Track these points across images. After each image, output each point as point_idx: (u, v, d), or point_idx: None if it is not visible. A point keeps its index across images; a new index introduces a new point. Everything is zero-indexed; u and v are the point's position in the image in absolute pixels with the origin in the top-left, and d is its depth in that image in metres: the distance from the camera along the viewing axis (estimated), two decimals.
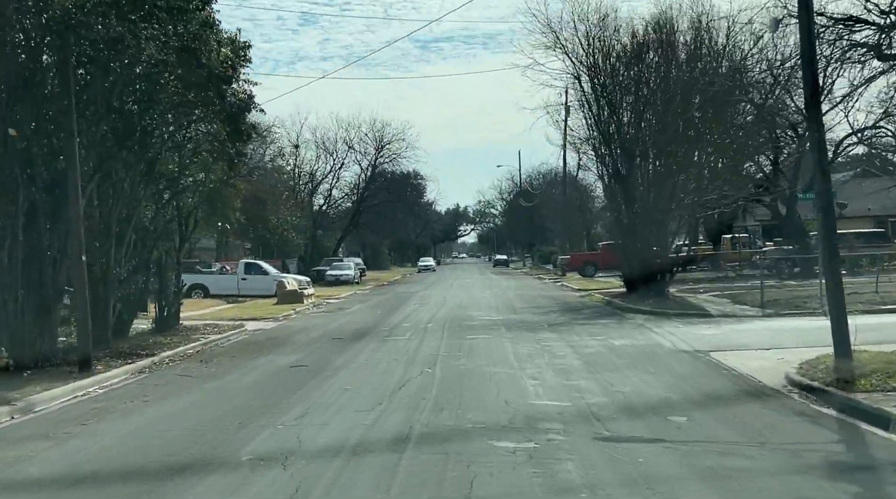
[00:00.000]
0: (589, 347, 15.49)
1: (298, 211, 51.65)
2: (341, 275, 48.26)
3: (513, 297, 31.93)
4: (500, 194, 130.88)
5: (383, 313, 25.01)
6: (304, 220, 51.77)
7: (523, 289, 38.44)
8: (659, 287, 26.16)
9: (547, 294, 33.59)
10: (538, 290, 37.70)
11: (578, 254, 50.74)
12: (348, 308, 28.14)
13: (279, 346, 17.08)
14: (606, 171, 27.92)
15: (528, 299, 30.16)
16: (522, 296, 32.59)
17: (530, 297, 31.90)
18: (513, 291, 36.96)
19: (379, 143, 59.07)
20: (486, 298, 31.74)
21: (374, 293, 39.30)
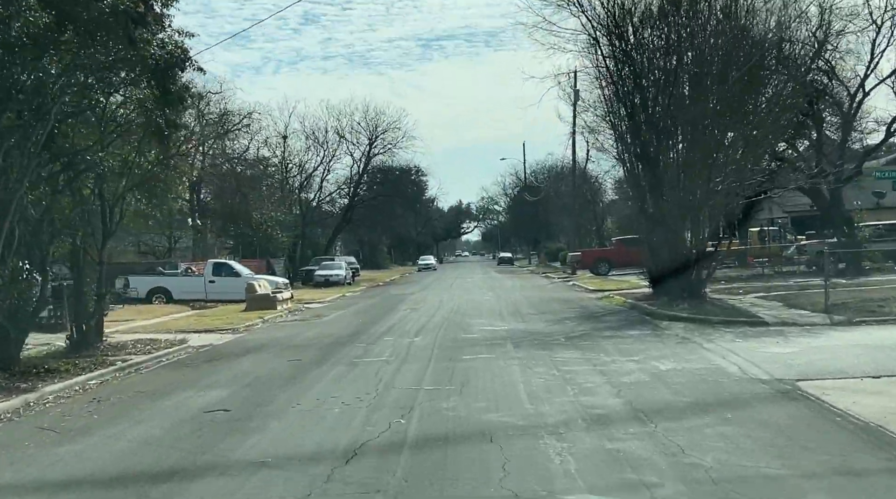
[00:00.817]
0: (626, 373, 11.38)
1: (285, 206, 47.60)
2: (331, 276, 44.19)
3: (519, 299, 27.81)
4: (503, 190, 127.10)
5: (365, 322, 20.92)
6: (291, 216, 47.70)
7: (530, 290, 34.31)
8: (693, 287, 22.02)
9: (558, 296, 29.45)
10: (547, 291, 33.57)
11: (590, 250, 46.58)
12: (327, 316, 24.04)
13: (211, 374, 12.96)
14: (629, 152, 23.76)
15: (537, 303, 26.04)
16: (530, 298, 28.48)
17: (539, 299, 27.79)
18: (518, 292, 32.84)
19: (373, 133, 54.91)
20: (488, 301, 27.63)
21: (365, 296, 35.20)
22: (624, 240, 44.09)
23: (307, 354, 14.85)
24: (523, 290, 34.23)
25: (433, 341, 15.95)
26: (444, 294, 32.69)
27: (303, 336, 18.27)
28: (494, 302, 26.72)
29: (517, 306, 24.58)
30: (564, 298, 28.42)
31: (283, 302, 26.42)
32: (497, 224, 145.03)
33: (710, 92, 21.07)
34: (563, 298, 28.39)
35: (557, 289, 34.68)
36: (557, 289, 34.68)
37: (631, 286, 31.21)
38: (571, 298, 27.87)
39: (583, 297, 28.64)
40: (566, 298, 28.38)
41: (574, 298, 28.29)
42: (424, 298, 30.79)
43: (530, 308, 23.73)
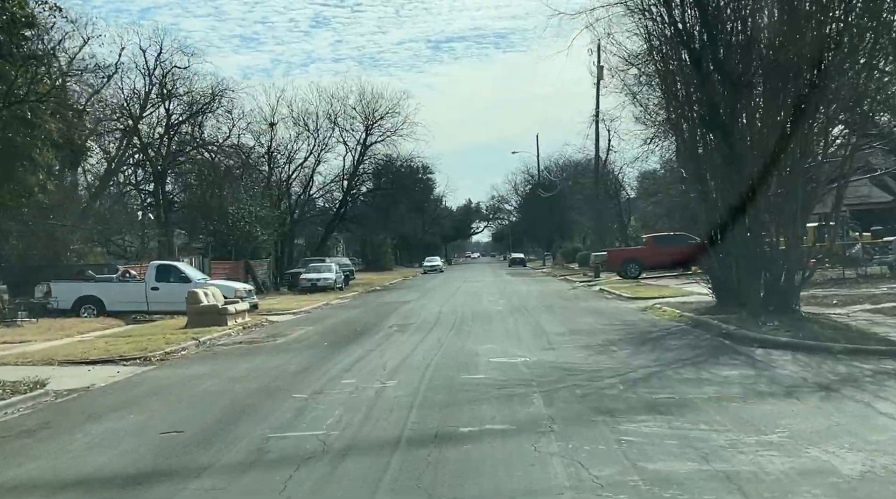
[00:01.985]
0: (787, 488, 5.50)
1: (269, 200, 41.84)
2: (318, 279, 38.41)
3: (538, 311, 21.90)
4: (514, 188, 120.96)
5: (331, 347, 15.06)
6: (276, 211, 41.93)
7: (551, 297, 28.38)
8: (783, 297, 16.14)
9: (587, 305, 23.50)
10: (572, 298, 27.61)
11: (618, 250, 40.58)
12: (286, 335, 18.14)
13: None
14: (687, 116, 17.82)
15: (564, 315, 20.16)
16: (552, 308, 22.59)
17: (565, 310, 21.90)
18: (537, 300, 26.93)
19: (369, 118, 48.85)
20: (500, 313, 21.75)
21: (351, 305, 29.35)
22: (658, 238, 38.11)
23: (200, 418, 9.00)
24: (542, 297, 28.30)
25: (415, 389, 10.09)
26: (446, 303, 26.82)
27: (228, 374, 12.41)
28: (509, 315, 20.84)
29: (538, 321, 18.68)
30: (596, 308, 22.48)
31: (238, 315, 20.62)
32: (508, 224, 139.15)
33: (811, 26, 15.05)
34: (595, 308, 22.45)
35: (583, 296, 28.73)
36: (583, 296, 28.73)
37: (676, 293, 25.30)
38: (605, 309, 21.93)
39: (619, 307, 22.69)
40: (598, 308, 22.43)
41: (608, 308, 22.33)
42: (422, 307, 24.93)
43: (556, 324, 17.84)
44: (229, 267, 36.79)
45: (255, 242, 38.34)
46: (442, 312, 22.16)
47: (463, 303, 26.14)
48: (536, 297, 28.27)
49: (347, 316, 23.35)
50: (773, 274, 16.25)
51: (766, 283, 16.38)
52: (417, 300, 29.19)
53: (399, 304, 27.39)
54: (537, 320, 18.88)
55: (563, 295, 29.40)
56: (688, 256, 38.64)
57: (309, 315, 24.76)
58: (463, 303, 26.14)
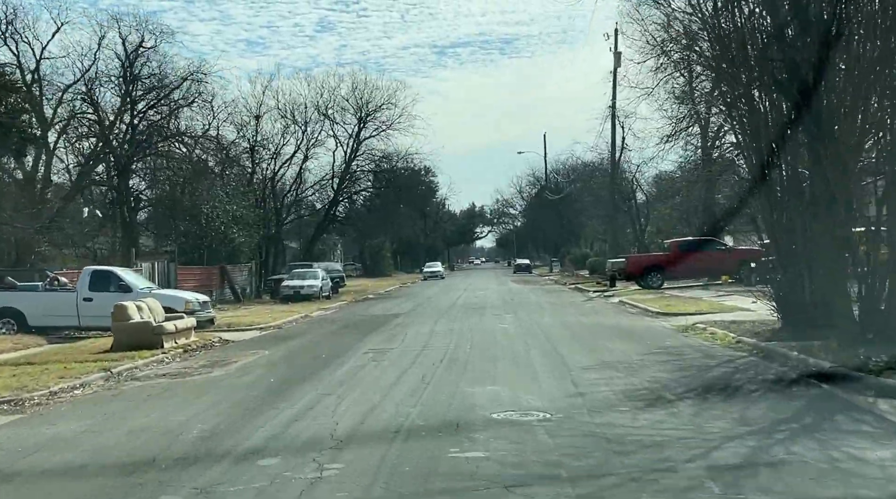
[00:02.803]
0: None
1: (249, 199, 37.86)
2: (301, 287, 34.38)
3: (555, 330, 17.81)
4: (518, 192, 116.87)
5: (269, 393, 10.91)
6: (254, 210, 37.94)
7: (565, 311, 24.30)
8: (885, 322, 12.03)
9: (614, 325, 19.33)
10: (590, 313, 23.50)
11: (638, 256, 36.46)
12: (228, 365, 13.98)
13: None
14: (755, 79, 13.72)
15: (584, 337, 16.11)
16: (571, 327, 18.52)
17: (585, 330, 17.82)
18: (550, 314, 22.86)
19: (362, 110, 44.72)
20: (507, 332, 17.69)
21: (330, 319, 25.27)
22: (683, 243, 34.03)
23: None
24: (556, 311, 24.24)
25: (368, 486, 6.05)
26: (442, 317, 22.77)
27: (97, 441, 8.34)
28: (518, 337, 16.77)
29: (556, 347, 14.60)
30: (623, 327, 18.39)
31: (181, 334, 16.60)
32: (512, 229, 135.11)
33: None
34: (622, 327, 18.35)
35: (603, 310, 24.64)
36: (603, 310, 24.64)
37: (716, 308, 21.25)
38: (635, 329, 17.84)
39: (651, 326, 18.59)
40: (626, 327, 18.33)
41: (639, 328, 18.23)
42: (412, 323, 20.87)
43: (580, 351, 13.77)
44: (201, 273, 32.81)
45: (232, 245, 34.33)
46: (435, 332, 18.07)
47: (462, 318, 22.06)
48: (549, 311, 24.19)
49: (320, 334, 19.28)
50: (871, 290, 12.17)
51: (861, 301, 12.31)
52: (409, 313, 25.13)
53: (387, 318, 23.32)
54: (554, 346, 14.81)
55: (579, 308, 25.30)
56: (716, 263, 34.64)
57: (276, 332, 20.71)
58: (462, 318, 22.06)
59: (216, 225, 33.95)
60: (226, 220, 34.28)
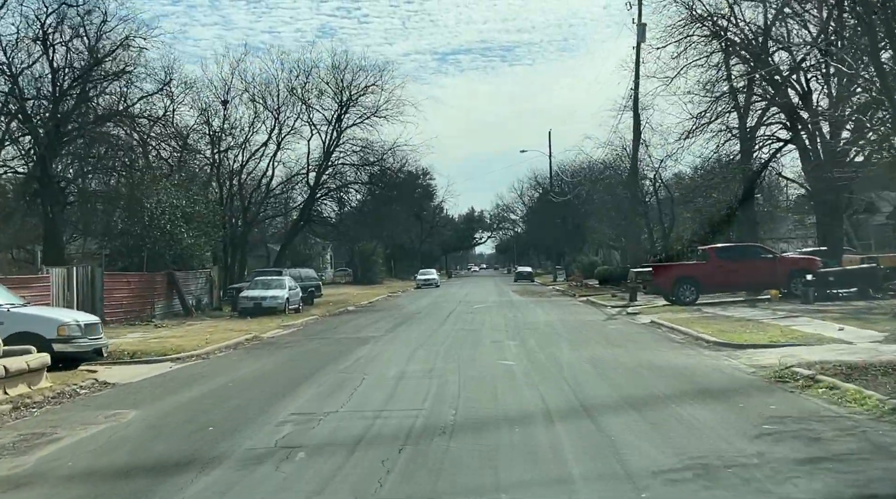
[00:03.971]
0: None
1: (205, 194, 32.21)
2: (263, 299, 28.73)
3: (582, 377, 12.02)
4: (520, 196, 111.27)
5: None
6: (211, 205, 32.26)
7: (587, 337, 18.55)
8: None
9: (663, 363, 13.44)
10: (622, 341, 17.61)
11: (668, 265, 30.73)
12: (31, 451, 8.35)
13: None
14: None
15: (634, 393, 10.39)
16: (604, 370, 12.75)
17: (629, 376, 12.04)
18: (567, 343, 17.13)
19: (344, 95, 38.87)
20: (511, 382, 11.93)
21: (279, 345, 19.42)
22: (722, 250, 28.35)
23: None
24: (574, 336, 18.51)
25: None
26: (423, 346, 17.07)
27: None
28: (530, 390, 11.02)
29: (595, 417, 8.86)
30: (683, 370, 12.60)
31: (21, 379, 10.92)
32: (513, 234, 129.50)
33: None
34: (681, 370, 12.57)
35: (636, 335, 18.85)
36: (636, 335, 18.85)
37: (792, 336, 15.66)
38: (702, 374, 12.09)
39: (721, 367, 12.81)
40: (686, 370, 12.54)
41: (705, 372, 12.43)
42: (378, 358, 15.16)
43: (638, 430, 8.06)
44: (140, 281, 27.13)
45: (180, 248, 28.63)
46: (405, 378, 12.33)
47: (450, 349, 16.31)
48: (566, 337, 18.47)
49: (245, 374, 13.50)
50: None
51: None
52: (382, 338, 19.41)
53: (351, 345, 17.60)
54: (591, 414, 9.08)
55: (603, 332, 19.55)
56: (762, 275, 28.95)
57: (191, 368, 14.98)
58: (450, 349, 16.31)
59: (161, 223, 28.29)
60: (174, 217, 28.61)
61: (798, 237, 45.48)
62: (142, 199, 28.05)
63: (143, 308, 26.48)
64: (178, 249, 28.50)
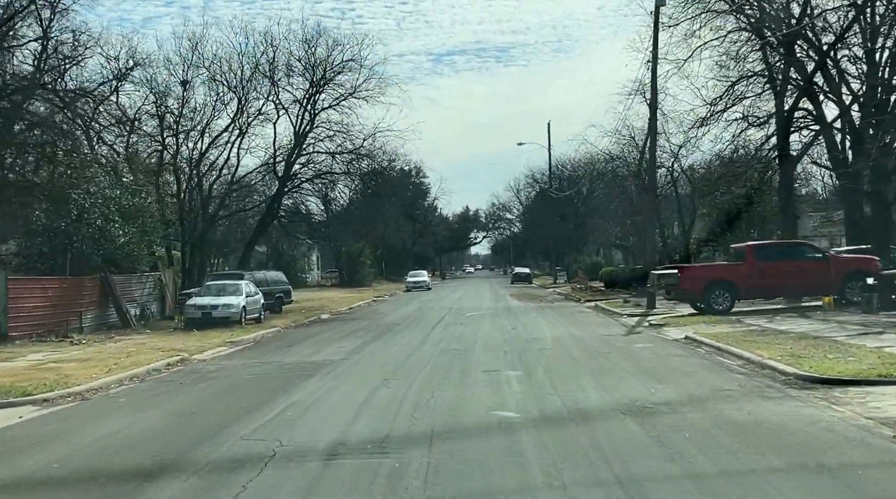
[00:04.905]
0: None
1: (149, 187, 27.60)
2: (213, 308, 24.17)
3: (622, 439, 7.50)
4: (516, 195, 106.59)
5: None
6: (148, 198, 27.57)
7: (611, 363, 13.92)
8: None
9: (741, 415, 8.87)
10: (661, 371, 12.96)
11: (696, 267, 26.11)
12: None
13: None
14: None
15: (717, 479, 5.86)
16: (649, 419, 8.18)
17: (699, 441, 7.44)
18: (586, 370, 12.54)
19: (318, 73, 34.00)
20: (512, 452, 7.38)
21: (203, 377, 14.66)
22: (761, 249, 23.81)
23: None
24: (594, 363, 13.88)
25: None
26: (388, 380, 12.49)
27: None
28: (545, 473, 6.47)
29: None
30: (768, 424, 8.03)
31: None
32: (509, 234, 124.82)
33: None
34: (766, 424, 7.99)
35: (674, 360, 14.21)
36: (674, 360, 14.21)
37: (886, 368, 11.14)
38: (804, 434, 7.55)
39: (832, 424, 8.20)
40: (776, 427, 7.96)
41: (806, 431, 7.87)
42: (318, 405, 10.56)
43: None
44: (64, 286, 22.48)
45: (114, 247, 23.96)
46: (341, 453, 7.66)
47: (425, 387, 11.65)
48: (584, 363, 13.88)
49: (57, 461, 8.85)
50: None
51: None
52: (341, 363, 14.80)
53: (294, 377, 13.01)
54: None
55: (632, 356, 14.90)
56: (810, 277, 24.32)
57: (47, 421, 10.39)
58: (425, 387, 11.65)
59: (92, 219, 23.67)
60: (107, 211, 23.98)
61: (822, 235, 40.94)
62: (67, 190, 23.42)
63: (65, 320, 21.88)
64: (111, 249, 23.85)
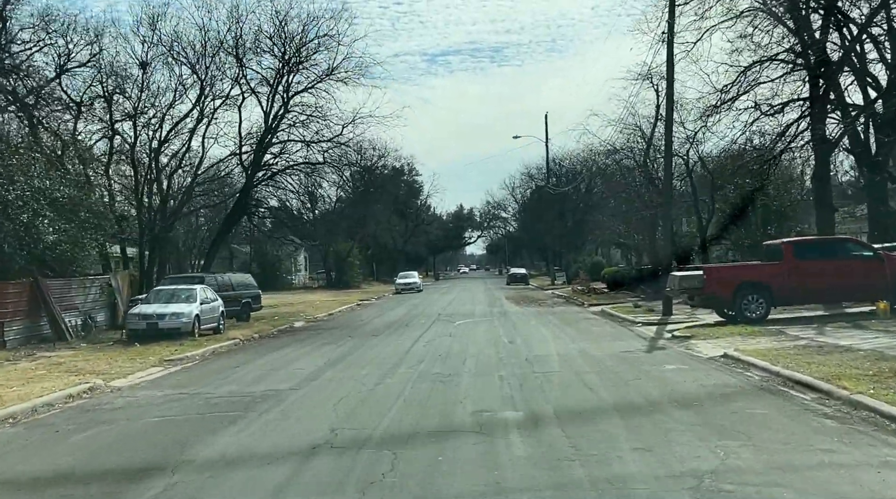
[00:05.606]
0: None
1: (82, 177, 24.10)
2: (161, 317, 20.66)
3: None
4: (511, 193, 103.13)
5: None
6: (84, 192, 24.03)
7: (641, 395, 10.46)
8: None
9: None
10: (712, 415, 9.50)
11: (728, 267, 22.58)
12: None
13: None
14: None
15: None
16: None
17: None
18: (612, 412, 9.13)
19: (290, 50, 30.21)
20: None
21: (90, 423, 11.08)
22: (803, 246, 20.36)
23: None
24: (619, 397, 10.41)
25: None
26: (336, 431, 9.05)
27: None
28: None
29: None
30: None
31: None
32: (504, 234, 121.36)
33: None
34: None
35: (716, 389, 10.75)
36: (716, 389, 10.75)
37: None
38: None
39: None
40: None
41: None
42: (211, 483, 7.13)
43: None
44: None
45: (43, 246, 20.45)
46: None
47: (390, 438, 8.23)
48: (609, 401, 10.37)
49: None
50: None
51: None
52: (286, 399, 11.31)
53: (215, 423, 9.56)
54: None
55: (666, 385, 11.41)
56: (859, 279, 20.72)
57: None
58: (390, 438, 8.23)
59: (17, 214, 20.16)
60: (36, 206, 20.48)
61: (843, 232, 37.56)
62: None
63: None
64: (39, 248, 20.34)
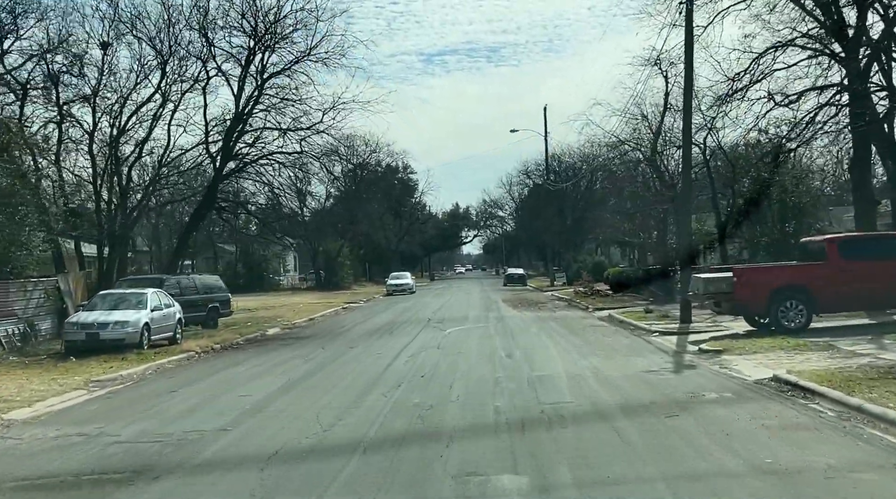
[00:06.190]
0: None
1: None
2: (103, 326, 17.85)
3: None
4: (508, 191, 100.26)
5: None
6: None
7: (687, 444, 7.69)
8: None
9: None
10: (800, 492, 6.87)
11: (763, 269, 19.68)
12: None
13: None
14: None
15: None
16: None
17: None
18: (658, 480, 6.38)
19: (264, 28, 27.03)
20: None
21: None
22: (849, 244, 17.52)
23: None
24: (653, 449, 7.66)
25: None
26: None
27: None
28: None
29: None
30: None
31: None
32: (501, 233, 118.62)
33: None
34: None
35: (793, 437, 7.97)
36: (793, 437, 7.97)
37: None
38: None
39: None
40: None
41: None
42: None
43: None
44: None
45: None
46: None
47: None
48: (650, 460, 7.56)
49: None
50: None
51: None
52: (213, 442, 8.52)
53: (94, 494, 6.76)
54: None
55: (729, 436, 8.59)
56: None
57: None
58: None
59: None
60: None
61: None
62: None
63: None
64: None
